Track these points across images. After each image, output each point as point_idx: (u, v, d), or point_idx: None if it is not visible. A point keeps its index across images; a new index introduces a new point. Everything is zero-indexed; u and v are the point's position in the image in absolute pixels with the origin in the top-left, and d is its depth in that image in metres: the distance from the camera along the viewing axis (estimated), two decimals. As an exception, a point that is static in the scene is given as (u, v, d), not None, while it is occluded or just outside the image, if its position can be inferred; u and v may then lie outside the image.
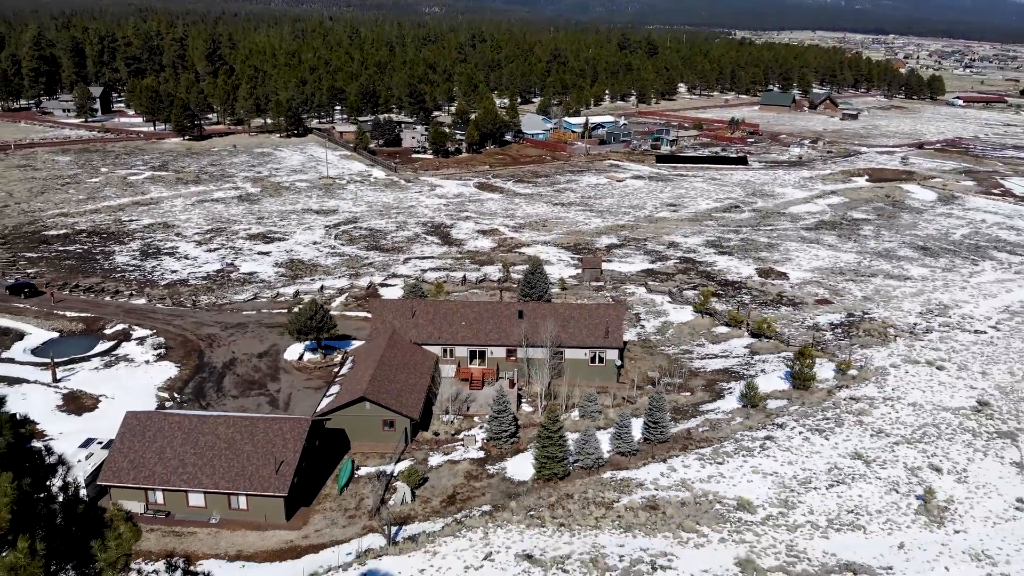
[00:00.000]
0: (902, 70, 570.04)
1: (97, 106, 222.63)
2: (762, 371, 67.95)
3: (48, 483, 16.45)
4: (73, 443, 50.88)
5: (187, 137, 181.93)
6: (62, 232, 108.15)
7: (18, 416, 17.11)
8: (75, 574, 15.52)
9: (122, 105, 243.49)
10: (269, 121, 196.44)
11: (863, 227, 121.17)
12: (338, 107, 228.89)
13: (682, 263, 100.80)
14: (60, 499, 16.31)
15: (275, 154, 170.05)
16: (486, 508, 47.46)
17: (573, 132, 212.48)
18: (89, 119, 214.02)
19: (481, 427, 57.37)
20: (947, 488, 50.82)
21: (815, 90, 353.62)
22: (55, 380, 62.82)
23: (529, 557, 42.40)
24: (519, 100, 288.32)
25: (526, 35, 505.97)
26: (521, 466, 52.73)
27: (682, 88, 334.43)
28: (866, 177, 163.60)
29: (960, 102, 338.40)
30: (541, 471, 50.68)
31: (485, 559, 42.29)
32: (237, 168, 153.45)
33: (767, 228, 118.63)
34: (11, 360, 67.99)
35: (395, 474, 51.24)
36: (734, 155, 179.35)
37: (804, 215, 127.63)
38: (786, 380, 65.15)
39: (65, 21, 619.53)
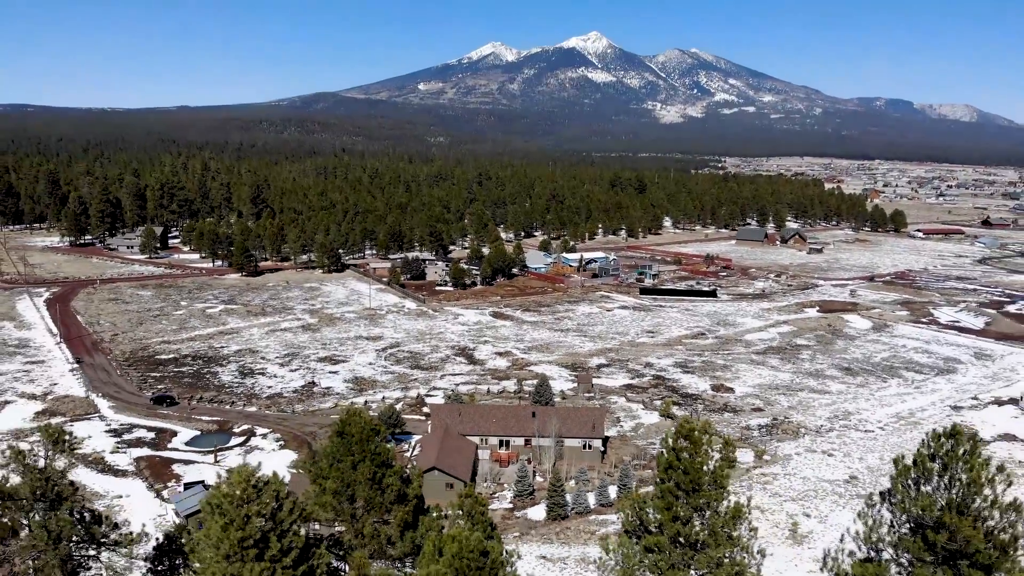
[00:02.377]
0: (876, 200, 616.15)
1: (158, 243, 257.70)
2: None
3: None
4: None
5: (244, 273, 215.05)
6: (171, 356, 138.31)
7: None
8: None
9: (177, 242, 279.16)
10: (312, 258, 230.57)
11: (803, 352, 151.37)
12: (367, 243, 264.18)
13: (654, 380, 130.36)
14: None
15: (321, 288, 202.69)
16: (516, 534, 75.50)
17: (570, 266, 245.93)
18: (152, 255, 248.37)
19: (509, 490, 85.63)
20: (811, 525, 78.93)
21: (789, 223, 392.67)
22: (216, 461, 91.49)
23: (544, 558, 70.46)
24: (523, 234, 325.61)
25: (527, 171, 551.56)
26: (537, 513, 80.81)
27: (667, 223, 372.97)
28: (817, 308, 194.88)
29: (920, 234, 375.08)
30: (550, 514, 78.85)
31: (517, 559, 70.17)
32: (294, 302, 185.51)
33: (724, 352, 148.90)
34: (176, 449, 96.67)
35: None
36: (706, 288, 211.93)
37: (757, 342, 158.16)
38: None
39: (97, 155, 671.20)
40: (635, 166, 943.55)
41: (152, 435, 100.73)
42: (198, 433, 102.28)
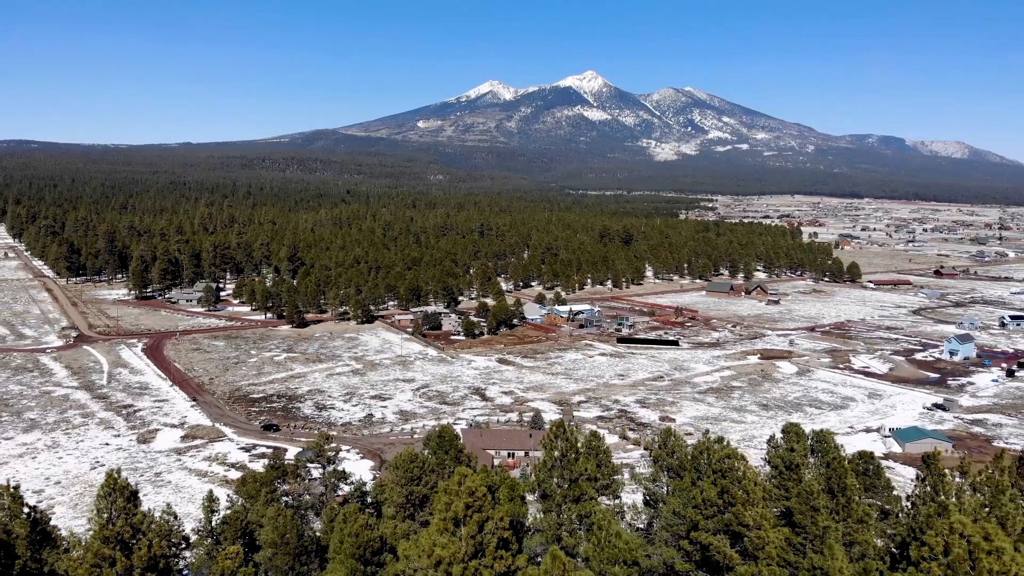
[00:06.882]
0: (848, 248, 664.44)
1: (214, 297, 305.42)
2: (646, 464, 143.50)
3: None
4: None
5: (294, 324, 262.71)
6: (261, 396, 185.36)
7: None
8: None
9: (226, 295, 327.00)
10: (347, 310, 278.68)
11: (734, 392, 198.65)
12: (389, 295, 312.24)
13: (619, 412, 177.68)
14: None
15: (358, 338, 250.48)
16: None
17: (561, 317, 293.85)
18: (210, 308, 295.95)
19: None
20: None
21: (759, 273, 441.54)
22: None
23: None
24: (521, 284, 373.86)
25: (524, 219, 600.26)
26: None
27: (649, 273, 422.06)
28: (758, 356, 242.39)
29: (872, 285, 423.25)
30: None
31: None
32: (340, 350, 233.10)
33: (675, 392, 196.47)
34: (291, 461, 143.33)
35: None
36: (671, 338, 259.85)
37: (701, 384, 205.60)
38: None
39: (123, 200, 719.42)
40: (629, 205, 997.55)
41: (271, 451, 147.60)
42: (301, 449, 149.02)
